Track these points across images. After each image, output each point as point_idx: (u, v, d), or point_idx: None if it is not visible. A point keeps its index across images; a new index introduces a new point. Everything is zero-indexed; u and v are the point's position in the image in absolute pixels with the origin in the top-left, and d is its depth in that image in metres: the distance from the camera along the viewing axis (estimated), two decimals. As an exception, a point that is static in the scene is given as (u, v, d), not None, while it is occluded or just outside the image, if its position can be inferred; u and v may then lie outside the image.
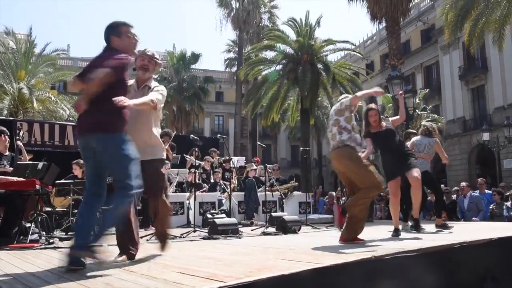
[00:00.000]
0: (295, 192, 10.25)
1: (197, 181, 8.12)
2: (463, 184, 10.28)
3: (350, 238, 4.23)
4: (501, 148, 19.38)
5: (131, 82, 3.55)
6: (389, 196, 5.43)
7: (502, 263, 4.03)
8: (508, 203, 9.17)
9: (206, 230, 5.87)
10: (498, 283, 3.75)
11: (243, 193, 8.96)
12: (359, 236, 4.31)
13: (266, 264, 2.92)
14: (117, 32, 3.16)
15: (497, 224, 7.41)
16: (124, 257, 3.37)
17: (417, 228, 5.45)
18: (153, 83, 3.63)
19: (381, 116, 5.29)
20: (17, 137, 6.05)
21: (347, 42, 20.06)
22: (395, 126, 5.54)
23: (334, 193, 13.12)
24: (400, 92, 6.26)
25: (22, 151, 6.04)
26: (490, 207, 9.50)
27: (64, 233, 6.25)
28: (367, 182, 4.20)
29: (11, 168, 5.35)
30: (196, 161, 8.45)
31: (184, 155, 9.16)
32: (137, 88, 3.57)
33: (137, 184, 3.00)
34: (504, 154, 20.84)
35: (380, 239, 4.48)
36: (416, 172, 5.09)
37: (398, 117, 5.67)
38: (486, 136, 19.31)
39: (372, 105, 5.37)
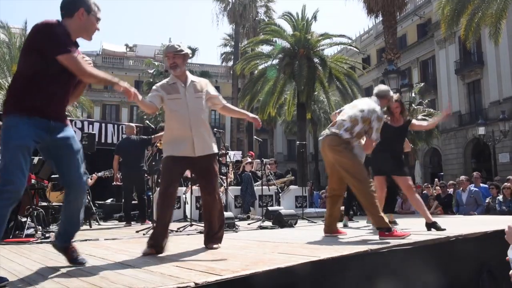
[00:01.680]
0: (292, 186, 10.26)
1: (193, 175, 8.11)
2: (462, 178, 10.32)
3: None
4: (497, 142, 19.47)
5: (165, 80, 3.66)
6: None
7: (498, 257, 4.06)
8: (500, 197, 9.21)
9: (203, 224, 5.87)
10: (493, 276, 3.77)
11: (240, 187, 8.97)
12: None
13: (262, 258, 2.92)
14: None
15: (493, 217, 7.45)
16: (152, 250, 3.31)
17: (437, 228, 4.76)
18: (190, 75, 3.69)
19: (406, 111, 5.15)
20: None
21: (343, 36, 20.01)
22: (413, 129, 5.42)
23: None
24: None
25: None
26: (486, 201, 9.55)
27: (60, 228, 6.24)
28: (357, 175, 4.07)
29: None
30: None
31: None
32: (185, 86, 3.56)
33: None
34: (499, 148, 20.94)
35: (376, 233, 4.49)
36: (410, 181, 5.03)
37: (425, 124, 5.55)
38: (481, 130, 19.38)
39: (397, 96, 5.22)
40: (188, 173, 8.29)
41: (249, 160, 9.94)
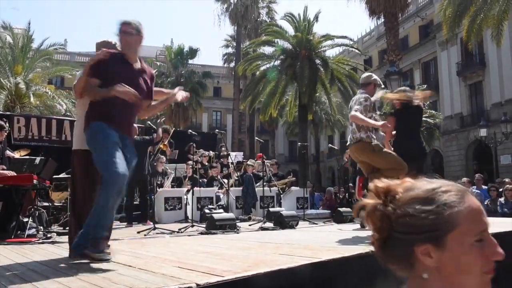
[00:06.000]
0: (293, 188, 10.25)
1: (194, 175, 8.13)
2: (464, 179, 10.29)
3: None
4: (498, 144, 19.42)
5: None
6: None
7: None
8: (502, 199, 9.19)
9: (204, 225, 5.87)
10: (493, 278, 3.76)
11: (241, 188, 8.97)
12: None
13: (264, 259, 2.92)
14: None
15: (493, 219, 7.43)
16: None
17: None
18: None
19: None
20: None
21: (345, 37, 20.06)
22: None
23: (332, 189, 13.41)
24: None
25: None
26: (485, 203, 9.52)
27: (61, 228, 6.24)
28: (391, 163, 4.30)
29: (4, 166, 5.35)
30: (198, 168, 8.45)
31: (189, 155, 9.25)
32: None
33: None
34: (501, 150, 20.89)
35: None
36: None
37: None
38: (483, 132, 19.33)
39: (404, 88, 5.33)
40: (189, 172, 8.31)
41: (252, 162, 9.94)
